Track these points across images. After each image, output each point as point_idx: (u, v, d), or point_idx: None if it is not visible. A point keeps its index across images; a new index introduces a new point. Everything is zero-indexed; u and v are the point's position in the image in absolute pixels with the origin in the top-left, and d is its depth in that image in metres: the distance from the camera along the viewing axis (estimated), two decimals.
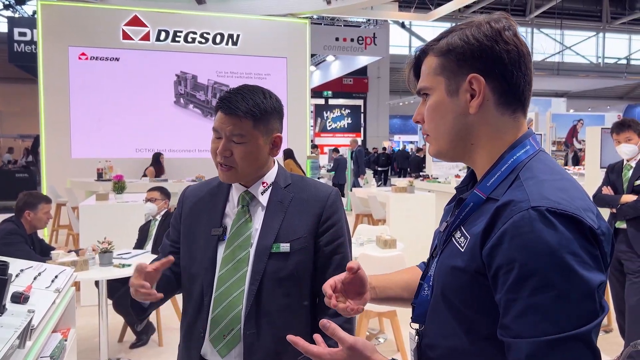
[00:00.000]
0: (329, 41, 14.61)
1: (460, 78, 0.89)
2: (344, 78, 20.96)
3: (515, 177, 0.84)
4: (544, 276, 0.73)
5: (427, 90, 0.94)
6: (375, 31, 14.95)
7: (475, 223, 0.85)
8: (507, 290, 0.76)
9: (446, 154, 0.95)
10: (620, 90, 26.96)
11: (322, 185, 1.51)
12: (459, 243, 0.87)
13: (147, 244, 4.21)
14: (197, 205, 1.52)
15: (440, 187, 7.54)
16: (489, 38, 0.87)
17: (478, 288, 0.82)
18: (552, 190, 0.79)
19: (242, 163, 1.39)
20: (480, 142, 0.91)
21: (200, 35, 9.42)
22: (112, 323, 3.87)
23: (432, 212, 6.01)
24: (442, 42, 0.91)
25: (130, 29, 9.06)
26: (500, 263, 0.77)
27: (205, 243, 1.44)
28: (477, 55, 0.87)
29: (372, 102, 22.45)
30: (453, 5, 12.53)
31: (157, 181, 7.43)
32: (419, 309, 0.97)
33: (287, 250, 1.39)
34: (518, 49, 0.87)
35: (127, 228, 4.73)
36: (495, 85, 0.87)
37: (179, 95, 9.39)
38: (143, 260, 3.67)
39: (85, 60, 8.83)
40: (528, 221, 0.75)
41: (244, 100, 1.38)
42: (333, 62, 18.64)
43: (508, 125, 0.90)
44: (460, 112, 0.90)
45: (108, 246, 3.45)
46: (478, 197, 0.88)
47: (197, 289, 1.43)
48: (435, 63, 0.92)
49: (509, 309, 0.76)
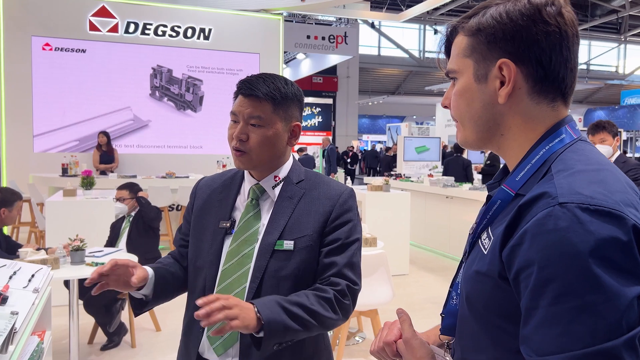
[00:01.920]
0: (301, 39, 14.55)
1: (489, 62, 0.79)
2: (314, 76, 20.93)
3: (547, 169, 0.75)
4: (565, 282, 0.64)
5: (454, 73, 0.85)
6: (347, 30, 14.97)
7: (501, 222, 0.76)
8: (527, 296, 0.67)
9: (473, 143, 0.87)
10: (581, 95, 27.89)
11: (336, 183, 1.45)
12: (483, 245, 0.79)
13: (120, 241, 4.06)
14: (210, 197, 1.47)
15: (413, 186, 7.58)
16: (526, 17, 0.76)
17: (503, 294, 0.73)
18: (585, 183, 0.69)
19: (258, 149, 1.34)
20: (511, 133, 0.82)
21: (171, 29, 9.20)
22: (82, 324, 3.72)
23: (408, 210, 6.04)
24: (473, 20, 0.82)
25: (98, 19, 8.76)
26: (520, 265, 0.68)
27: (213, 236, 1.39)
28: (509, 37, 0.77)
29: (342, 102, 22.50)
30: (424, 7, 12.68)
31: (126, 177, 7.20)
32: (448, 320, 0.88)
33: (291, 248, 1.33)
34: (561, 29, 0.76)
35: (96, 225, 4.56)
36: (530, 71, 0.77)
37: (154, 88, 9.15)
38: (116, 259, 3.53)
39: (49, 51, 8.49)
40: (553, 219, 0.66)
41: (265, 83, 1.34)
42: (303, 60, 18.58)
43: (545, 114, 0.80)
44: (488, 101, 0.81)
45: (80, 244, 3.30)
46: (506, 194, 0.79)
47: (200, 282, 1.38)
48: (464, 44, 0.83)
49: (529, 316, 0.68)
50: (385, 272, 3.49)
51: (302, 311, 1.25)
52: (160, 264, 1.46)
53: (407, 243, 6.07)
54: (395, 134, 16.64)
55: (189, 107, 9.39)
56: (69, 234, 3.46)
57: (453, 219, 6.86)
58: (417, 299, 5.08)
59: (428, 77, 24.42)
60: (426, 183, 7.38)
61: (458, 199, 6.75)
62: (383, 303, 3.55)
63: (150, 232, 4.02)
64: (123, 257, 3.52)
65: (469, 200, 6.51)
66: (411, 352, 0.85)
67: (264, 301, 1.23)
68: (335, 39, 14.77)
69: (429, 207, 7.36)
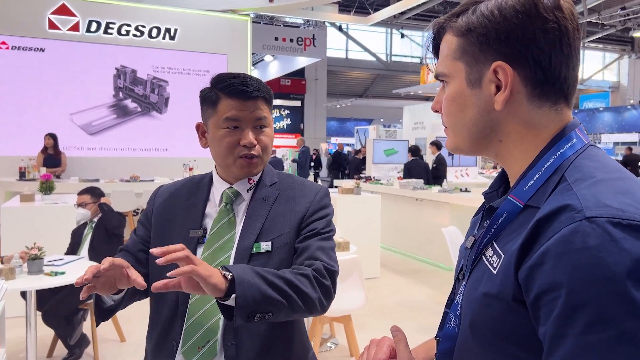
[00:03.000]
0: (268, 40, 14.45)
1: (483, 65, 0.72)
2: (282, 79, 20.83)
3: (559, 178, 0.68)
4: (600, 309, 0.56)
5: (444, 77, 0.78)
6: (315, 33, 14.95)
7: (511, 237, 0.69)
8: (552, 323, 0.59)
9: (466, 150, 0.79)
10: None
11: (310, 182, 1.42)
12: (490, 263, 0.71)
13: (81, 249, 3.87)
14: (172, 205, 1.37)
15: (383, 188, 7.57)
16: (521, 13, 0.68)
17: (517, 319, 0.65)
18: (611, 194, 0.62)
19: (268, 150, 1.31)
20: (511, 139, 0.74)
21: (135, 28, 8.95)
22: (40, 336, 3.53)
23: (378, 213, 6.01)
24: (462, 19, 0.74)
25: (58, 17, 8.44)
26: (542, 288, 0.60)
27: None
28: (503, 37, 0.69)
29: (310, 104, 22.45)
30: (391, 10, 12.77)
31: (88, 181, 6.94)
32: (445, 344, 0.79)
33: (269, 249, 1.27)
34: (560, 24, 0.69)
35: (56, 232, 4.35)
36: (528, 74, 0.70)
37: (118, 89, 8.86)
38: (78, 267, 3.36)
39: (5, 49, 8.13)
40: (581, 236, 0.58)
41: (255, 82, 1.27)
42: (271, 62, 18.47)
43: (548, 118, 0.72)
44: (484, 107, 0.73)
45: (38, 252, 3.12)
46: (514, 205, 0.71)
47: (171, 296, 1.27)
48: (454, 45, 0.75)
49: (556, 346, 0.59)
50: (358, 277, 3.43)
51: (279, 280, 1.14)
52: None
53: (378, 246, 6.04)
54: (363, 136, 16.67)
55: (154, 109, 9.15)
56: (26, 242, 3.27)
57: (423, 222, 6.87)
58: (388, 302, 5.05)
59: (395, 80, 24.63)
60: (396, 185, 7.38)
61: (427, 201, 6.76)
62: (356, 308, 3.49)
63: (114, 239, 3.85)
64: (85, 266, 3.37)
65: (439, 202, 6.53)
66: None
67: (232, 265, 1.12)
68: (303, 41, 14.73)
69: (398, 209, 7.36)
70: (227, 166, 1.31)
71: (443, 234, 4.79)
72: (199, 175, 1.43)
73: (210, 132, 1.30)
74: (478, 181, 9.61)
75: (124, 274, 1.13)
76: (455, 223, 5.79)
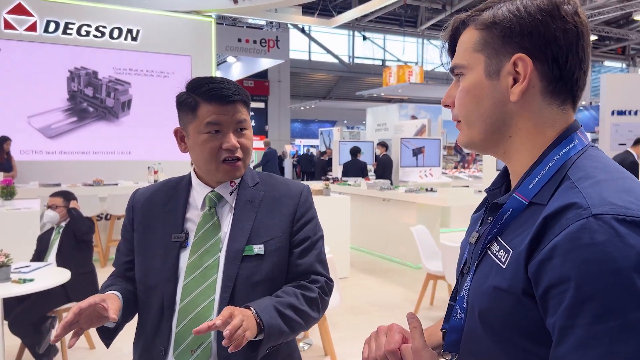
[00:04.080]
0: (231, 42, 14.37)
1: (503, 57, 0.76)
2: (245, 80, 20.72)
3: (562, 177, 0.72)
4: (608, 300, 0.60)
5: (462, 69, 0.81)
6: (278, 34, 14.95)
7: (517, 233, 0.73)
8: (561, 314, 0.63)
9: (479, 144, 0.82)
10: None
11: (292, 182, 1.44)
12: (498, 258, 0.74)
13: (49, 255, 3.77)
14: (152, 210, 1.37)
15: (350, 189, 7.65)
16: (544, 12, 0.73)
17: (526, 311, 0.69)
18: (615, 193, 0.66)
19: (249, 152, 1.33)
20: (520, 135, 0.78)
21: (95, 29, 8.73)
22: (7, 346, 3.41)
23: (348, 213, 6.07)
24: (487, 13, 0.78)
25: (14, 17, 8.15)
26: (551, 281, 0.64)
27: (165, 251, 1.30)
28: (527, 31, 0.74)
29: (274, 106, 22.42)
30: (355, 13, 12.93)
31: (49, 186, 6.74)
32: (452, 336, 0.82)
33: (262, 252, 1.29)
34: (577, 28, 0.74)
35: (20, 238, 4.22)
36: (545, 70, 0.74)
37: (72, 92, 8.61)
38: (46, 274, 3.28)
39: None
40: (588, 232, 0.62)
41: (234, 86, 1.29)
42: (234, 64, 18.34)
43: (555, 117, 0.77)
44: (499, 99, 0.77)
45: (5, 259, 3.02)
46: (519, 202, 0.75)
47: (156, 301, 1.28)
48: (475, 37, 0.79)
49: (564, 337, 0.63)
50: (333, 277, 3.47)
51: (294, 314, 1.26)
52: (118, 285, 1.34)
53: (347, 246, 6.10)
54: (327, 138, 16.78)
55: (110, 114, 8.86)
56: None
57: (390, 222, 6.98)
58: (359, 302, 5.11)
59: (358, 82, 24.87)
60: (363, 186, 7.47)
61: (395, 201, 6.88)
62: (332, 308, 3.53)
63: (83, 244, 3.76)
64: (53, 272, 3.29)
65: (406, 202, 6.65)
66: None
67: (261, 306, 1.21)
68: (267, 42, 14.71)
69: (366, 210, 7.45)
70: (210, 171, 1.31)
71: (410, 233, 4.90)
72: (174, 179, 1.43)
73: (191, 138, 1.30)
74: (442, 181, 9.82)
75: (102, 307, 1.15)
76: (422, 222, 5.92)
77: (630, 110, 8.87)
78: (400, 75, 17.26)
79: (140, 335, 1.33)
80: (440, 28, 21.23)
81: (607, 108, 8.82)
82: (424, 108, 19.21)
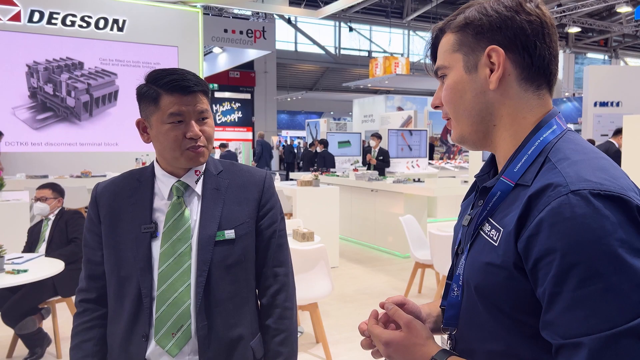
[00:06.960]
0: (218, 32, 14.27)
1: (478, 52, 0.84)
2: (231, 71, 20.60)
3: (544, 159, 0.79)
4: (590, 266, 0.67)
5: (444, 69, 0.89)
6: (265, 25, 14.88)
7: (506, 213, 0.79)
8: (549, 283, 0.70)
9: (469, 137, 0.89)
10: None
11: (254, 169, 1.50)
12: (490, 237, 0.80)
13: (39, 246, 3.77)
14: (116, 202, 1.39)
15: (339, 180, 7.71)
16: (509, 9, 0.82)
17: (518, 284, 0.75)
18: (590, 171, 0.73)
19: (211, 140, 1.38)
20: (503, 123, 0.85)
21: (80, 19, 8.64)
22: (1, 336, 3.43)
23: (337, 204, 6.13)
24: (459, 17, 0.87)
25: None
26: (539, 254, 0.71)
27: (136, 242, 1.33)
28: (496, 27, 0.82)
29: (260, 97, 22.32)
30: (340, 4, 12.90)
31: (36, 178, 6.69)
32: (450, 312, 0.89)
33: (233, 236, 1.36)
34: (541, 19, 0.82)
35: (11, 230, 4.21)
36: (517, 58, 0.82)
37: (33, 89, 8.35)
38: (39, 264, 3.29)
39: None
40: (568, 207, 0.69)
41: (193, 76, 1.33)
42: (220, 54, 18.22)
43: (532, 102, 0.84)
44: (480, 89, 0.84)
45: None
46: (506, 185, 0.82)
47: (132, 291, 1.32)
48: (452, 40, 0.87)
49: (553, 303, 0.70)
50: (325, 266, 3.53)
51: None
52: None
53: (337, 236, 6.17)
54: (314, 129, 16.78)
55: (73, 115, 8.58)
56: None
57: (378, 212, 7.07)
58: (349, 291, 5.19)
59: (344, 73, 24.86)
60: (352, 177, 7.53)
61: (382, 191, 6.95)
62: (323, 296, 3.59)
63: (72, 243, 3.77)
64: (46, 263, 3.30)
65: (393, 192, 6.73)
66: (415, 334, 0.86)
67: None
68: (253, 33, 14.63)
69: (355, 200, 7.52)
70: (174, 159, 1.35)
71: (398, 223, 4.98)
72: (136, 170, 1.46)
73: (154, 128, 1.33)
74: (428, 172, 9.93)
75: None
76: (410, 212, 6.01)
77: (612, 102, 9.03)
78: (387, 67, 17.30)
79: (117, 324, 1.35)
80: (426, 19, 21.31)
81: (590, 99, 8.96)
82: (410, 99, 19.30)
